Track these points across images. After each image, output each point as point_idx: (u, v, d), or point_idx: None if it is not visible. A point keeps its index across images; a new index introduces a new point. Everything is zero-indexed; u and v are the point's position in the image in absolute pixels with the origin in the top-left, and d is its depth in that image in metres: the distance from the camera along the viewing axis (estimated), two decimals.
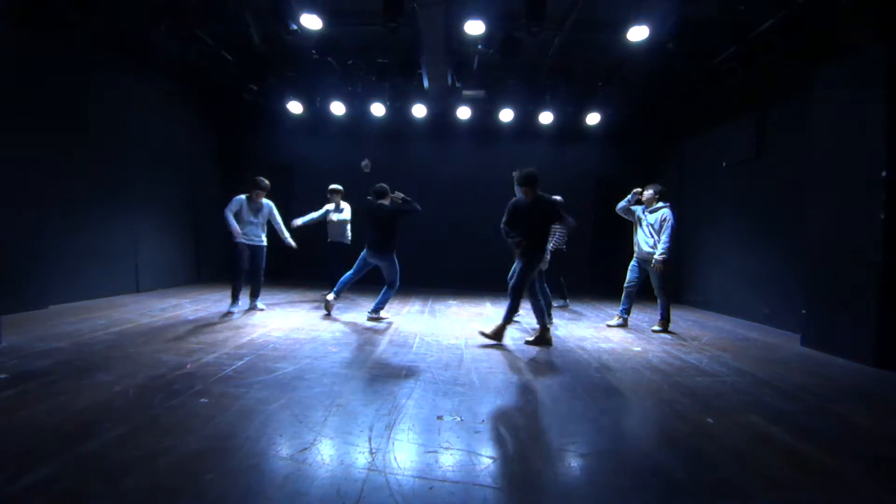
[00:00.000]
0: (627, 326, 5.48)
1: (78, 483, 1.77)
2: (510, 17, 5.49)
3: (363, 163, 5.67)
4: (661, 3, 5.11)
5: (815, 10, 4.94)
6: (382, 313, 5.45)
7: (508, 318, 4.43)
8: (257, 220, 5.51)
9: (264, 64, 7.30)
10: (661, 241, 5.03)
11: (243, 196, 5.47)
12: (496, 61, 6.62)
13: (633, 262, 5.41)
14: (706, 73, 6.60)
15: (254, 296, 5.70)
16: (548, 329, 4.53)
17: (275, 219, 5.72)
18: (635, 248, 5.37)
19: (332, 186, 6.61)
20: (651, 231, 5.16)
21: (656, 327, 5.31)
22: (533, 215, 4.36)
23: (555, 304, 6.74)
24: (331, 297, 5.48)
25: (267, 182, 5.54)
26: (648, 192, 5.23)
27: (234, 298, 5.45)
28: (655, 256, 5.03)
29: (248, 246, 5.44)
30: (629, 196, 5.39)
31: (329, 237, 6.70)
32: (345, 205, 6.62)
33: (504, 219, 4.57)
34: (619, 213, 5.49)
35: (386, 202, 5.36)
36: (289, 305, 6.20)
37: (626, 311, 5.49)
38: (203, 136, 8.62)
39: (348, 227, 6.65)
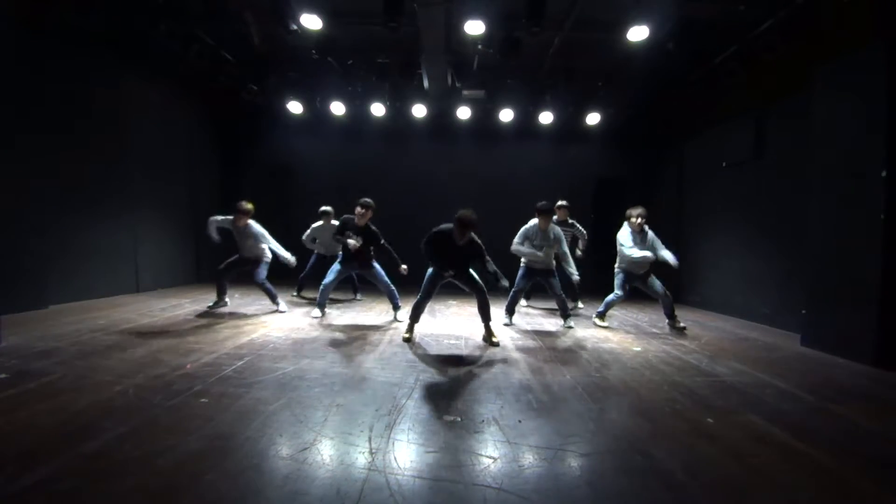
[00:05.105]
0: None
1: (78, 483, 1.77)
2: (510, 17, 5.49)
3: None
4: (661, 3, 5.11)
5: (816, 9, 4.94)
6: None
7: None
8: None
9: (264, 64, 7.30)
10: (667, 251, 5.13)
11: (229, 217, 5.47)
12: (496, 61, 6.62)
13: (626, 283, 5.29)
14: (706, 73, 6.60)
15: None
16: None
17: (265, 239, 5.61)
18: (627, 265, 5.23)
19: (322, 209, 6.48)
20: (649, 246, 5.15)
21: (682, 324, 5.30)
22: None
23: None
24: (317, 312, 5.43)
25: (246, 205, 5.44)
26: (639, 211, 5.14)
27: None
28: (674, 262, 5.05)
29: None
30: (629, 240, 5.23)
31: (326, 252, 6.63)
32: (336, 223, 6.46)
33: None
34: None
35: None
36: (290, 306, 6.18)
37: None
38: (203, 135, 8.62)
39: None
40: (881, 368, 3.83)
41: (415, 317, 4.54)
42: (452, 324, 5.38)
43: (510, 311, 5.55)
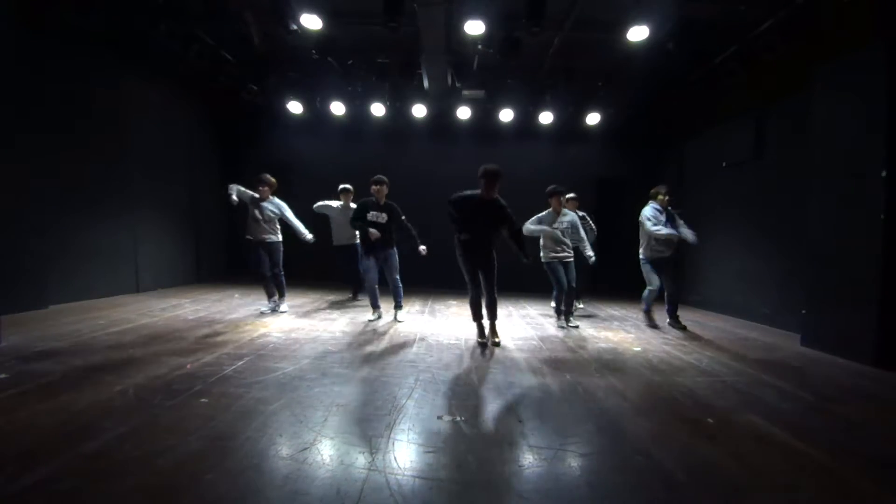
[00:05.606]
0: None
1: (78, 483, 1.77)
2: (510, 17, 5.49)
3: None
4: (661, 3, 5.11)
5: (816, 9, 4.94)
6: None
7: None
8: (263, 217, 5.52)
9: (264, 64, 7.30)
10: (686, 229, 5.14)
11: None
12: (496, 61, 6.62)
13: (656, 272, 5.18)
14: (706, 73, 6.60)
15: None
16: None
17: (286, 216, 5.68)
18: (651, 251, 5.17)
19: (343, 186, 6.54)
20: (676, 225, 5.17)
21: (683, 323, 5.33)
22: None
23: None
24: (372, 315, 5.43)
25: (270, 178, 5.56)
26: (666, 188, 5.26)
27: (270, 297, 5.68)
28: (693, 239, 5.09)
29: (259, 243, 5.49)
30: (661, 218, 5.14)
31: (336, 241, 6.60)
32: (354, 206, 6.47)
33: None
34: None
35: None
36: (289, 306, 6.18)
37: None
38: (203, 135, 8.63)
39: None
40: (881, 368, 3.83)
41: (476, 314, 4.47)
42: (453, 324, 5.38)
43: (566, 312, 5.40)
